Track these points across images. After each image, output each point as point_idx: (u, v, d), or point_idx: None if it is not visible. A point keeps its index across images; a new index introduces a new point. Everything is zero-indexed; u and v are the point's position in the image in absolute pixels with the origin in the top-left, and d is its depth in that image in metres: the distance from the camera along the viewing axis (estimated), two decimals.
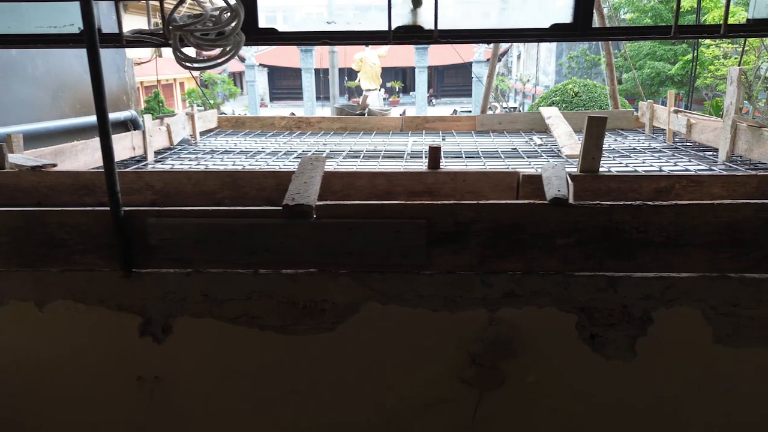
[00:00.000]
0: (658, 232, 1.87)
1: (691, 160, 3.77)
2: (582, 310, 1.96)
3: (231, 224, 1.95)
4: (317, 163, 2.15)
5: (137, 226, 1.96)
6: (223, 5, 1.93)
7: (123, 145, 3.84)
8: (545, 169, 2.09)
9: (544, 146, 4.60)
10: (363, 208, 1.93)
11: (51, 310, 2.06)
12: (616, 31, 1.95)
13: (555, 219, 1.89)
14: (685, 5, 16.18)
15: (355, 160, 4.27)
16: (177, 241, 1.98)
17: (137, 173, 2.29)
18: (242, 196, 2.25)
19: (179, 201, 2.26)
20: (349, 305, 2.00)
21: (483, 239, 1.92)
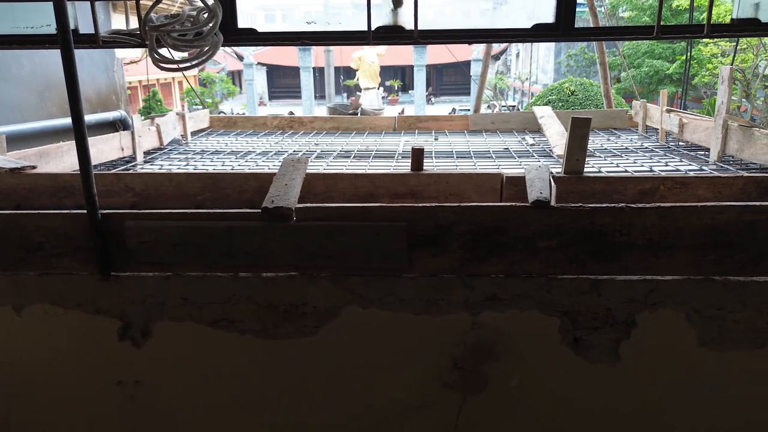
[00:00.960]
0: (641, 234, 1.85)
1: (682, 160, 3.74)
2: (565, 314, 1.94)
3: (210, 227, 1.92)
4: (299, 165, 2.13)
5: (115, 229, 1.94)
6: (201, 5, 1.90)
7: (111, 145, 3.82)
8: (529, 170, 2.07)
9: (536, 146, 4.58)
10: (343, 210, 1.91)
11: (29, 315, 2.03)
12: (597, 31, 1.93)
13: (537, 221, 1.86)
14: (684, 3, 16.16)
15: (345, 160, 4.24)
16: (155, 244, 1.96)
17: (117, 175, 2.26)
18: (223, 198, 2.23)
19: (160, 203, 2.23)
20: (330, 309, 1.97)
21: (464, 242, 1.89)
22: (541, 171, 2.03)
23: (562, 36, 1.88)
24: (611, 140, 4.80)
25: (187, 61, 1.90)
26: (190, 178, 2.23)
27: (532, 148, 4.51)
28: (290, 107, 32.01)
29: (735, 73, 14.73)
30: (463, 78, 35.13)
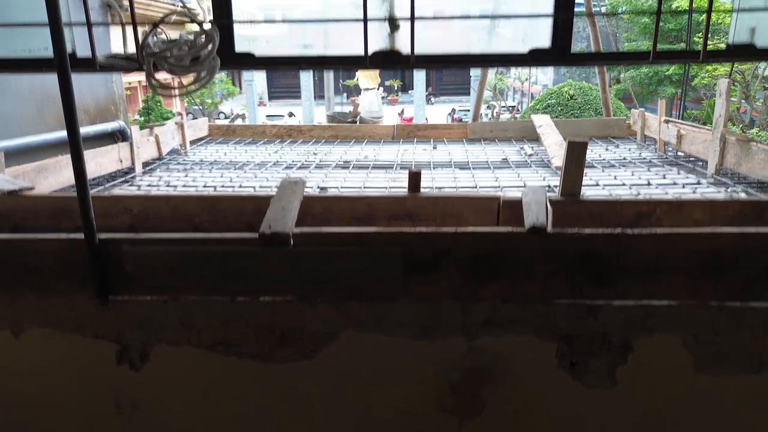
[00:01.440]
0: (637, 260, 1.85)
1: (680, 172, 3.75)
2: (562, 338, 1.94)
3: (207, 252, 1.92)
4: (296, 187, 2.13)
5: (112, 253, 1.94)
6: (198, 30, 1.91)
7: (110, 158, 3.82)
8: (525, 193, 2.07)
9: (534, 156, 4.58)
10: (340, 236, 1.91)
11: (27, 338, 2.04)
12: (594, 57, 1.94)
13: (534, 247, 1.86)
14: (683, 5, 16.13)
15: (344, 172, 4.25)
16: (153, 269, 1.96)
17: (115, 197, 2.27)
18: (221, 220, 2.23)
19: (157, 225, 2.24)
20: (327, 333, 1.98)
21: (461, 267, 1.90)
22: (537, 194, 2.03)
23: (559, 61, 1.88)
24: (610, 150, 4.81)
25: (185, 86, 1.90)
26: (187, 200, 2.24)
27: (530, 158, 4.52)
28: (289, 107, 32.02)
29: (734, 74, 14.72)
30: (462, 78, 35.13)
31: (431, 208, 2.17)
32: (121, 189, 3.70)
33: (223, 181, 3.90)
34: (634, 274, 1.87)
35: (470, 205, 2.16)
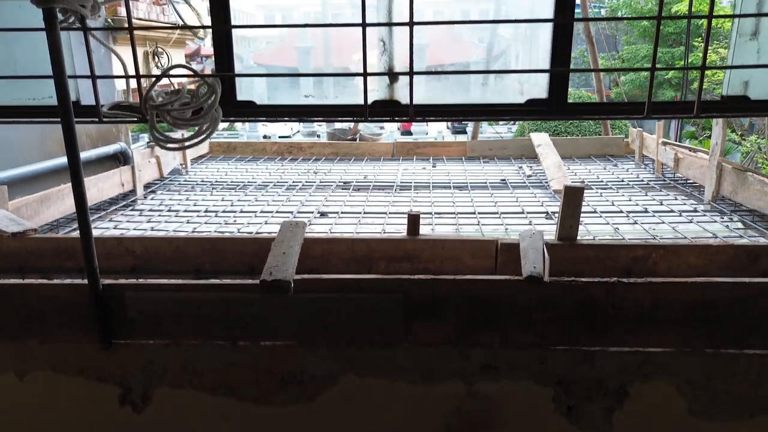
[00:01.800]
0: (633, 308, 1.88)
1: (677, 198, 3.78)
2: (559, 383, 1.97)
3: (208, 299, 1.96)
4: (297, 230, 2.16)
5: (115, 299, 1.97)
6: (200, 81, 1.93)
7: (111, 182, 3.85)
8: (523, 237, 2.10)
9: (533, 177, 4.61)
10: (340, 282, 1.94)
11: (31, 381, 2.07)
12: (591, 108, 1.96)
13: (531, 295, 1.89)
14: (682, 8, 16.13)
15: (344, 193, 4.28)
16: (155, 315, 1.99)
17: (118, 239, 2.29)
18: (223, 261, 2.26)
19: (159, 266, 2.27)
20: (328, 377, 2.01)
21: (460, 313, 1.93)
22: (534, 240, 2.06)
23: (555, 113, 1.91)
24: (607, 170, 4.84)
25: (188, 139, 1.93)
26: (189, 242, 2.26)
27: (528, 180, 4.55)
28: None
29: None
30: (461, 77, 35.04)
31: (429, 251, 2.20)
32: (122, 213, 3.73)
33: (224, 205, 3.93)
34: (630, 322, 1.90)
35: (468, 248, 2.19)
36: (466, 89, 2.00)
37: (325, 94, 1.99)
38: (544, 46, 1.98)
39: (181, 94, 1.91)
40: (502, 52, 5.12)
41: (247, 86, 2.11)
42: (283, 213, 3.72)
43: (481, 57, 4.95)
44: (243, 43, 5.27)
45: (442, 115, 1.96)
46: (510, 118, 1.99)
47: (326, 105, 2.00)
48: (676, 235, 3.05)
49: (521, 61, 5.17)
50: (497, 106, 1.95)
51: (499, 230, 3.28)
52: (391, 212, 3.70)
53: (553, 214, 3.53)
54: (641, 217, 3.39)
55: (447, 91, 2.03)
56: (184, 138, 1.93)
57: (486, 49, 5.06)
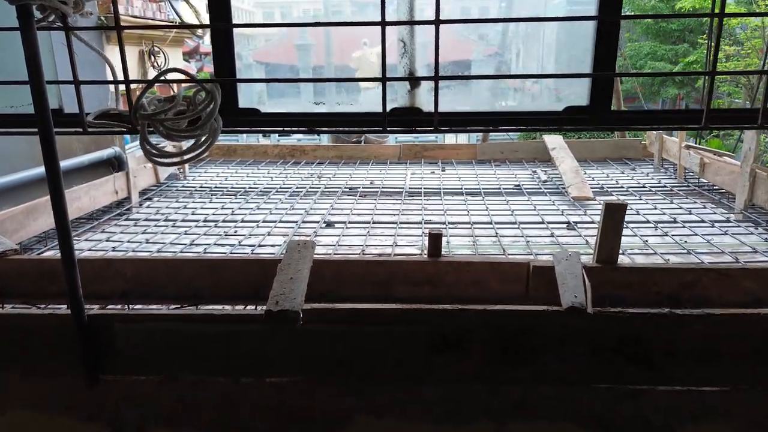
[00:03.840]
0: (685, 343, 1.68)
1: (705, 206, 3.56)
2: (600, 424, 1.76)
3: (207, 331, 1.75)
4: (305, 252, 1.95)
5: (103, 330, 1.77)
6: (197, 87, 1.72)
7: (104, 190, 3.63)
8: (558, 260, 1.89)
9: (549, 182, 4.40)
10: (355, 312, 1.74)
11: (11, 420, 1.86)
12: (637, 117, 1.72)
13: (570, 327, 1.69)
14: (686, 6, 15.91)
15: (351, 200, 4.07)
16: (147, 348, 1.79)
17: (107, 261, 2.08)
18: (224, 286, 2.05)
19: (153, 290, 2.05)
20: (341, 417, 1.80)
21: (489, 347, 1.72)
22: (572, 263, 1.85)
23: (598, 123, 1.70)
24: (626, 174, 4.62)
25: (183, 153, 1.71)
26: (186, 263, 2.05)
27: (544, 185, 4.33)
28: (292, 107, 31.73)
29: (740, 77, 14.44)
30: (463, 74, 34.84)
31: (453, 274, 1.99)
32: (116, 224, 3.52)
33: (224, 213, 3.72)
34: (682, 357, 1.69)
35: (496, 272, 1.98)
36: (494, 95, 1.79)
37: (335, 99, 1.77)
38: (549, 44, 1.78)
39: (176, 102, 1.70)
40: (503, 49, 4.87)
41: (246, 89, 1.90)
42: (287, 223, 3.51)
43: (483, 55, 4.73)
44: (242, 40, 4.95)
45: (470, 125, 1.75)
46: (546, 129, 1.78)
47: (339, 113, 1.79)
48: (712, 249, 2.83)
49: (522, 59, 4.87)
50: (532, 114, 1.74)
51: (520, 243, 3.06)
52: (402, 222, 3.49)
53: (576, 225, 3.32)
54: (671, 228, 3.17)
55: (473, 97, 1.81)
56: (179, 152, 1.71)
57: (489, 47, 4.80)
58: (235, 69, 1.77)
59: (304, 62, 6.61)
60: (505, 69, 4.33)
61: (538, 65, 4.42)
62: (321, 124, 1.77)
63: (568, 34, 2.32)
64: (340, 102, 1.79)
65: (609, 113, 1.70)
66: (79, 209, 3.38)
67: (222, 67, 1.75)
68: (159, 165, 1.82)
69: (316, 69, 4.81)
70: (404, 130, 1.74)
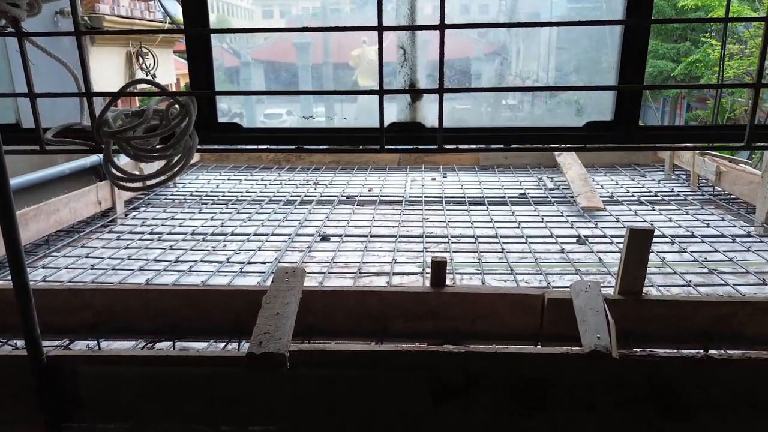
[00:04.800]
0: (724, 390, 1.48)
1: (723, 218, 3.36)
2: None
3: (183, 375, 1.55)
4: (293, 281, 1.74)
5: (65, 373, 1.56)
6: (170, 99, 1.51)
7: (86, 201, 3.43)
8: (576, 291, 1.69)
9: (555, 190, 4.19)
10: (349, 355, 1.54)
11: None
12: (670, 134, 1.51)
13: (593, 373, 1.49)
14: (689, 3, 15.68)
15: (348, 209, 3.86)
16: (116, 394, 1.58)
17: (74, 291, 1.88)
18: (204, 317, 1.85)
19: (126, 324, 1.85)
20: None
21: (501, 394, 1.52)
22: (592, 296, 1.64)
23: (624, 140, 1.50)
24: (636, 181, 4.42)
25: (153, 176, 1.51)
26: (163, 295, 1.85)
27: (551, 193, 4.13)
28: (288, 106, 31.56)
29: (742, 76, 14.22)
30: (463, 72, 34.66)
31: (459, 306, 1.79)
32: (99, 237, 3.31)
33: (213, 225, 3.51)
34: (721, 407, 1.49)
35: (507, 303, 1.77)
36: (505, 110, 1.58)
37: (328, 113, 1.57)
38: (545, 41, 1.57)
39: (146, 117, 1.49)
40: (502, 47, 4.63)
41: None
42: (279, 236, 3.30)
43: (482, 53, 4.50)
44: (242, 39, 4.72)
45: (478, 142, 1.55)
46: (566, 147, 1.57)
47: (330, 129, 1.58)
48: (735, 268, 2.63)
49: (523, 56, 4.59)
50: (548, 130, 1.53)
51: (528, 260, 2.86)
52: (402, 235, 3.28)
53: (587, 239, 3.11)
54: (689, 243, 2.97)
55: (479, 113, 1.61)
56: (146, 175, 1.51)
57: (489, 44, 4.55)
58: (213, 79, 1.56)
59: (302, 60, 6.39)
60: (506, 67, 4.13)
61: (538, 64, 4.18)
62: (310, 141, 1.56)
63: (569, 31, 2.11)
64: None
65: (637, 129, 1.50)
66: (57, 223, 3.17)
67: (198, 78, 1.55)
68: (126, 190, 1.61)
69: (315, 67, 4.55)
70: (404, 149, 1.54)
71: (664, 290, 2.44)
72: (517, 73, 12.44)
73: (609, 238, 3.12)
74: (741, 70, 13.72)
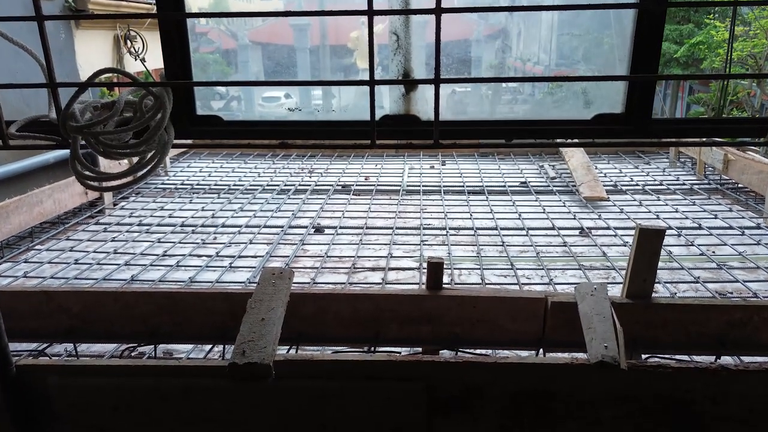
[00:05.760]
0: (740, 403, 1.38)
1: (731, 209, 3.25)
2: None
3: (161, 387, 1.44)
4: (280, 284, 1.63)
5: (35, 385, 1.46)
6: (143, 91, 1.39)
7: (71, 191, 3.31)
8: (581, 295, 1.58)
9: (557, 179, 4.07)
10: (339, 365, 1.44)
11: None
12: (685, 128, 1.40)
13: (600, 385, 1.39)
14: None
15: (344, 199, 3.75)
16: (88, 407, 1.48)
17: (47, 293, 1.77)
18: (185, 322, 1.74)
19: (102, 329, 1.75)
20: None
21: (502, 407, 1.43)
22: (598, 300, 1.54)
23: (636, 134, 1.38)
24: (640, 169, 4.30)
25: (122, 175, 1.39)
26: (141, 297, 1.74)
27: (553, 182, 4.01)
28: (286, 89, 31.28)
29: (746, 59, 13.97)
30: (463, 56, 34.31)
31: (456, 311, 1.68)
32: (85, 229, 3.20)
33: (204, 216, 3.40)
34: (735, 421, 1.39)
35: (508, 308, 1.67)
36: (506, 101, 1.46)
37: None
38: (547, 22, 1.47)
39: (116, 109, 1.37)
40: (501, 28, 4.46)
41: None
42: (272, 228, 3.19)
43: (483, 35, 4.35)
44: (239, 21, 4.51)
45: (477, 136, 1.42)
46: (573, 142, 1.45)
47: (317, 122, 1.46)
48: (745, 263, 2.53)
49: (524, 38, 4.39)
50: (553, 123, 1.41)
51: (529, 253, 2.75)
52: (398, 227, 3.17)
53: (590, 231, 3.00)
54: (696, 236, 2.86)
55: (479, 104, 1.49)
56: (115, 173, 1.39)
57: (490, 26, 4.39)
58: (191, 68, 1.44)
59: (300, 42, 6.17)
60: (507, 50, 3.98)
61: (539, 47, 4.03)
62: (295, 135, 1.45)
63: (570, 13, 1.99)
64: (319, 108, 1.46)
65: (649, 122, 1.38)
66: (41, 215, 3.05)
67: (173, 67, 1.42)
68: (95, 191, 1.49)
69: (313, 50, 4.40)
70: (397, 145, 1.42)
71: (672, 287, 2.33)
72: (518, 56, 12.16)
73: (613, 230, 3.01)
74: (745, 52, 13.51)
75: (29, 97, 1.72)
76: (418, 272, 2.55)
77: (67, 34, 3.52)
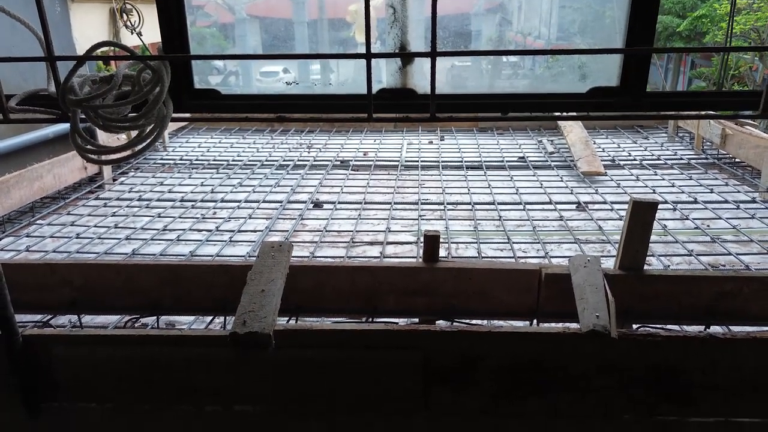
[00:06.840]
0: (728, 372, 1.41)
1: (728, 183, 3.27)
2: None
3: (163, 356, 1.48)
4: (280, 257, 1.66)
5: (40, 355, 1.50)
6: (140, 65, 1.40)
7: (71, 167, 3.32)
8: (575, 266, 1.61)
9: (556, 154, 4.08)
10: (337, 335, 1.47)
11: None
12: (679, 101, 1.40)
13: (591, 354, 1.42)
14: None
15: (343, 174, 3.76)
16: (92, 377, 1.52)
17: (50, 266, 1.80)
18: (186, 295, 1.77)
19: (105, 301, 1.78)
20: None
21: (496, 376, 1.46)
22: (591, 272, 1.56)
23: (630, 107, 1.39)
24: (639, 143, 4.30)
25: (122, 149, 1.41)
26: (143, 270, 1.77)
27: (551, 157, 4.02)
28: (285, 63, 31.00)
29: (750, 32, 13.85)
30: (462, 29, 33.98)
31: (452, 282, 1.71)
32: (85, 204, 3.22)
33: (203, 191, 3.42)
34: (724, 390, 1.43)
35: (503, 280, 1.70)
36: (503, 75, 1.47)
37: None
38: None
39: (114, 83, 1.38)
40: (501, 2, 4.43)
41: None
42: (271, 203, 3.21)
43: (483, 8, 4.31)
44: None
45: (474, 110, 1.44)
46: (566, 115, 1.47)
47: (314, 95, 1.47)
48: (738, 236, 2.55)
49: (524, 11, 4.36)
50: (549, 97, 1.42)
51: (525, 227, 2.78)
52: (397, 202, 3.19)
53: (586, 205, 3.03)
54: (691, 210, 2.89)
55: (476, 78, 1.50)
56: (115, 147, 1.40)
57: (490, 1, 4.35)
58: (188, 42, 1.44)
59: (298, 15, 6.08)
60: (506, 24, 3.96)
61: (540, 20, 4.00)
62: (293, 109, 1.46)
63: None
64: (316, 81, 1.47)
65: (644, 96, 1.39)
66: (41, 189, 3.07)
67: (171, 40, 1.43)
68: (95, 164, 1.51)
69: (311, 23, 4.36)
70: (394, 118, 1.44)
71: (665, 260, 2.36)
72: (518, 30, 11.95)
73: (609, 205, 3.03)
74: (748, 26, 13.39)
75: (26, 72, 1.73)
76: (416, 246, 2.58)
77: (63, 7, 3.49)
